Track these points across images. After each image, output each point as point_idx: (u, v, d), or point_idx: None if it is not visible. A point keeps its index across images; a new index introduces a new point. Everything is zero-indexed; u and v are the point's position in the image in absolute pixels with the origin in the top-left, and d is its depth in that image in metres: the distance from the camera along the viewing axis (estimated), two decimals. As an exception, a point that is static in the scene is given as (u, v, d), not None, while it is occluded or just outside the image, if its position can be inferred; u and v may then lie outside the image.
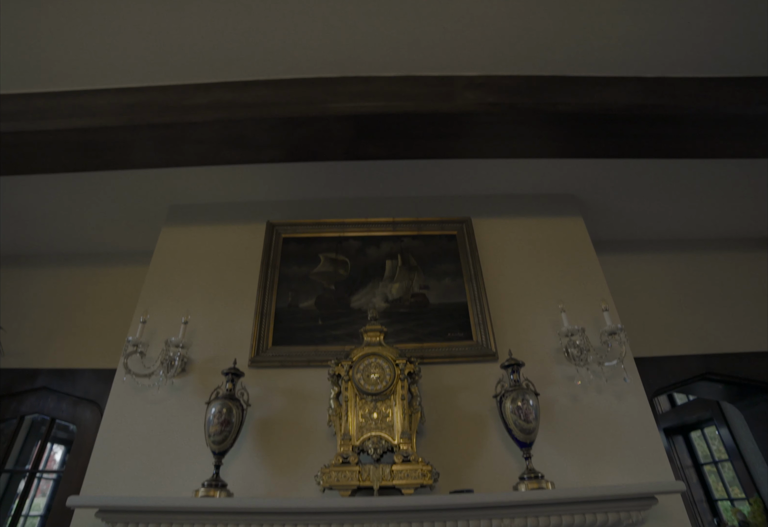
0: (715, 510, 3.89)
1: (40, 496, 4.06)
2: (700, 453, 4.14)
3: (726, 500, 3.87)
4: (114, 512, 1.69)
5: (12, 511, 2.82)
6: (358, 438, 1.83)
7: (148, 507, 1.67)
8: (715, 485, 4.02)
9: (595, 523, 1.65)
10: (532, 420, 1.83)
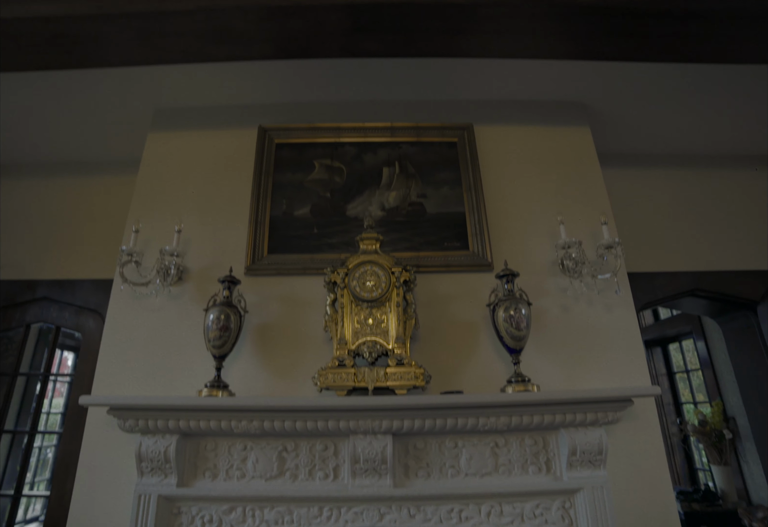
0: (680, 411, 4.24)
1: (58, 397, 4.35)
2: (675, 364, 4.41)
3: (691, 403, 4.20)
4: (123, 410, 1.78)
5: (32, 409, 3.00)
6: (353, 342, 1.89)
7: (155, 406, 1.76)
8: (683, 391, 4.33)
9: (575, 421, 1.78)
10: (523, 328, 1.88)
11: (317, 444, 1.80)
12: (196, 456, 1.84)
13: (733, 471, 3.48)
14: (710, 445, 3.48)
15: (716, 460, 3.49)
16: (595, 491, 1.76)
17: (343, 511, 1.75)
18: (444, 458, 1.79)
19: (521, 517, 1.74)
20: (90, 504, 1.93)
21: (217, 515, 1.77)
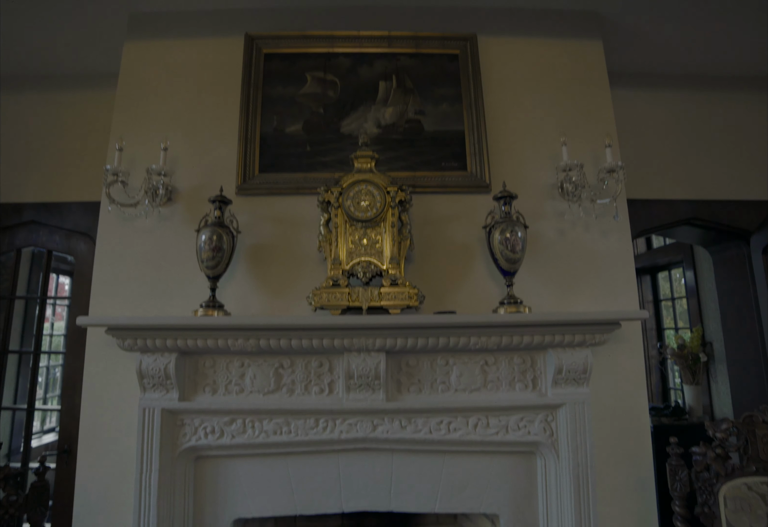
0: (661, 336, 4.42)
1: (60, 320, 4.43)
2: (662, 292, 4.52)
3: (672, 329, 4.37)
4: (121, 330, 1.80)
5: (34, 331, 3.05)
6: (347, 262, 1.88)
7: (151, 325, 1.78)
8: (666, 317, 4.49)
9: (563, 342, 1.83)
10: (518, 250, 1.88)
11: (312, 361, 1.86)
12: (196, 373, 1.90)
13: (702, 390, 3.72)
14: (685, 367, 3.68)
15: (689, 380, 3.70)
16: (577, 406, 1.86)
17: (338, 422, 1.84)
18: (435, 374, 1.86)
19: (506, 429, 1.85)
20: (98, 418, 2.02)
21: (219, 426, 1.85)
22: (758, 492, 1.54)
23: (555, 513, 1.87)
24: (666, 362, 4.25)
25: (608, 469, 1.99)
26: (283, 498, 1.89)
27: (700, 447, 1.67)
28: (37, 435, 4.22)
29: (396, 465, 1.90)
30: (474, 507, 1.92)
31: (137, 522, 1.80)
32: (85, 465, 2.01)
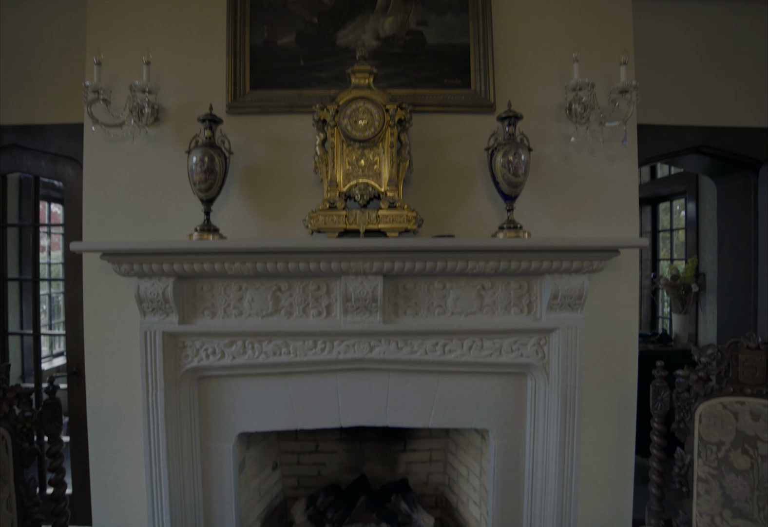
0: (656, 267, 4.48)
1: (57, 249, 4.42)
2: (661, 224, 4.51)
3: (667, 260, 4.41)
4: (116, 255, 1.78)
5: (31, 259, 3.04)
6: (344, 184, 1.83)
7: (146, 250, 1.75)
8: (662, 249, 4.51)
9: (560, 268, 1.82)
10: (520, 174, 1.82)
11: (310, 284, 1.86)
12: (194, 297, 1.90)
13: (690, 319, 3.84)
14: (676, 297, 3.76)
15: (678, 309, 3.81)
16: (569, 331, 1.90)
17: (335, 344, 1.88)
18: (432, 298, 1.88)
19: (499, 351, 1.90)
20: (101, 342, 2.07)
21: (219, 348, 1.90)
22: (731, 411, 1.62)
23: (541, 429, 1.98)
24: (658, 291, 4.34)
25: (594, 390, 2.08)
26: (284, 414, 1.98)
27: (684, 370, 1.74)
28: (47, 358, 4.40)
29: (392, 384, 1.97)
30: (465, 423, 2.02)
31: (147, 436, 1.90)
32: (94, 386, 2.09)
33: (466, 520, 2.44)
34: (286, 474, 2.68)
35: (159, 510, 1.94)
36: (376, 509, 2.48)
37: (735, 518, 1.58)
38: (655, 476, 1.74)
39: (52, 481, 1.55)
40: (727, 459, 1.61)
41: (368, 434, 2.65)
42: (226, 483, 2.01)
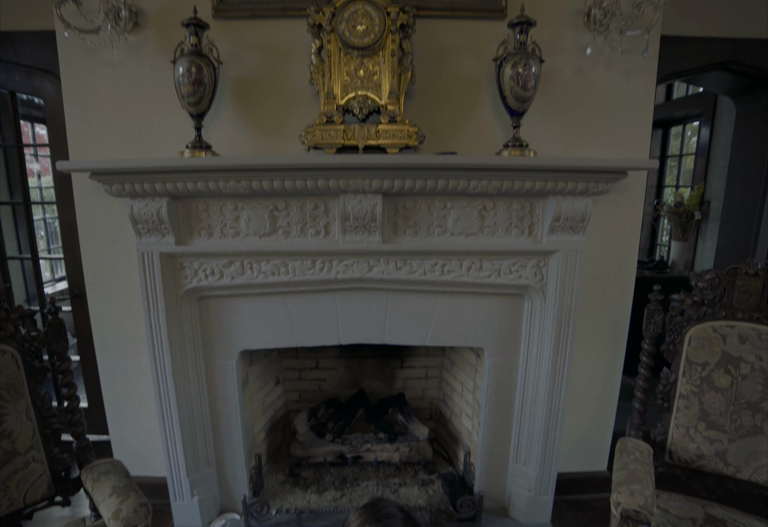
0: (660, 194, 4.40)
1: (48, 174, 4.29)
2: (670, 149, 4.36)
3: (673, 187, 4.32)
4: (105, 174, 1.71)
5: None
6: (342, 97, 1.72)
7: (136, 168, 1.68)
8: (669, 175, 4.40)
9: (565, 189, 1.77)
10: (530, 88, 1.71)
11: (307, 203, 1.82)
12: (190, 217, 1.86)
13: (688, 247, 3.84)
14: (678, 224, 3.73)
15: (678, 237, 3.79)
16: (570, 253, 1.88)
17: (334, 263, 1.87)
18: (432, 218, 1.84)
19: (498, 272, 1.90)
20: (99, 265, 2.06)
21: (218, 268, 1.89)
22: (720, 334, 1.66)
23: (535, 348, 2.03)
24: (659, 219, 4.31)
25: (589, 313, 2.12)
26: (284, 333, 2.03)
27: (679, 294, 1.75)
28: (50, 283, 4.46)
29: (390, 303, 1.99)
30: (461, 342, 2.07)
31: (152, 354, 1.95)
32: (96, 308, 2.12)
33: (458, 431, 2.59)
34: (288, 389, 2.81)
35: (169, 421, 2.04)
36: (374, 420, 2.64)
37: (708, 429, 1.68)
38: (640, 393, 1.82)
39: (65, 395, 1.62)
40: (710, 378, 1.67)
41: (367, 351, 2.75)
42: (231, 396, 2.10)
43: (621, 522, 1.37)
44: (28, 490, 1.49)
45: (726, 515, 1.64)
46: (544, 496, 2.23)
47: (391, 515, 1.02)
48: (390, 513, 1.02)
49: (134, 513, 1.31)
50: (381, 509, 1.03)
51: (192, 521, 2.21)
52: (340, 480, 2.44)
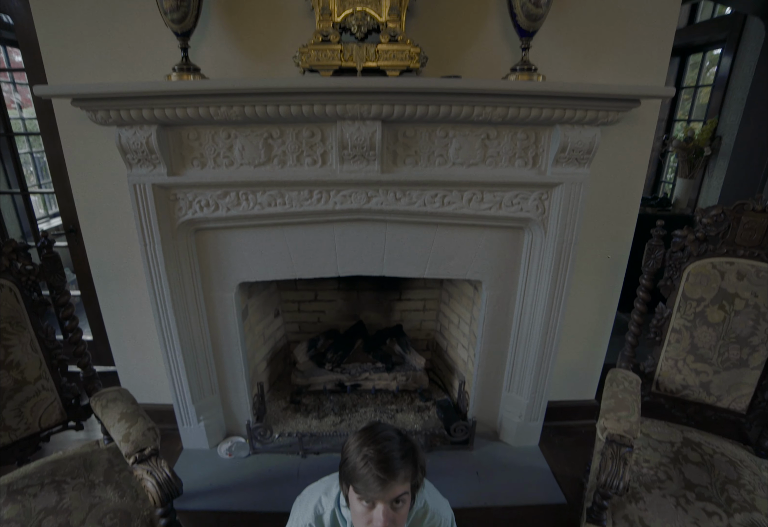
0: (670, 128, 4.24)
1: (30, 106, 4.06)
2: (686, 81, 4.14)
3: (685, 121, 4.15)
4: (89, 100, 1.61)
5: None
6: (339, 13, 1.58)
7: (121, 93, 1.57)
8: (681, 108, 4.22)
9: (573, 118, 1.68)
10: (542, 4, 1.57)
11: (303, 131, 1.73)
12: (181, 147, 1.79)
13: (694, 185, 3.76)
14: (685, 160, 3.62)
15: (684, 174, 3.70)
16: (573, 186, 1.83)
17: (332, 194, 1.82)
18: (433, 147, 1.76)
19: (499, 204, 1.86)
20: (91, 198, 2.00)
21: (213, 199, 1.84)
22: (720, 270, 1.65)
23: (533, 282, 2.04)
24: (666, 154, 4.19)
25: (589, 247, 2.10)
26: (282, 265, 2.02)
27: (682, 230, 1.72)
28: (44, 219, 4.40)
29: (389, 235, 1.97)
30: (460, 274, 2.07)
31: (151, 287, 1.95)
32: (92, 243, 2.10)
33: (454, 361, 2.68)
34: (288, 320, 2.86)
35: (172, 352, 2.09)
36: (372, 351, 2.72)
37: (696, 362, 1.72)
38: (634, 327, 1.85)
39: (68, 328, 1.63)
40: (703, 314, 1.69)
41: (365, 284, 2.77)
42: (231, 328, 2.14)
43: (606, 445, 1.43)
44: (42, 416, 1.55)
45: (702, 438, 1.74)
46: (533, 422, 2.34)
47: (389, 437, 1.05)
48: (387, 436, 1.06)
49: (143, 436, 1.37)
50: (379, 431, 1.07)
51: (199, 444, 2.34)
52: (339, 407, 2.55)
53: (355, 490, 1.03)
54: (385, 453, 1.01)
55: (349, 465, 1.04)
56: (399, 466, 1.01)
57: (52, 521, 1.31)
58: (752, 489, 1.51)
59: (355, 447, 1.05)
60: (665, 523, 1.40)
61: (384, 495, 1.01)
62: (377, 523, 1.02)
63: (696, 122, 3.94)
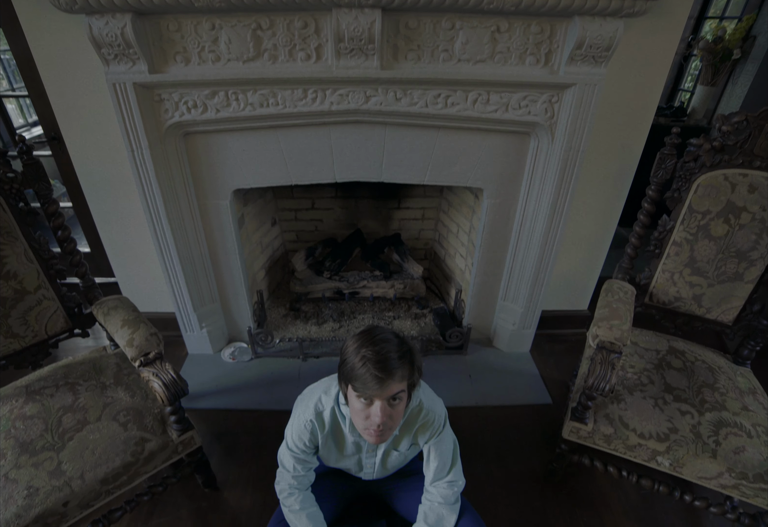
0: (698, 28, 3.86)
1: None
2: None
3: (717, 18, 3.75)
4: None
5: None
6: None
7: None
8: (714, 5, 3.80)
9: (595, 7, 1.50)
10: None
11: (295, 21, 1.55)
12: (161, 39, 1.62)
13: (714, 93, 3.52)
14: (710, 64, 3.35)
15: (706, 81, 3.45)
16: (587, 88, 1.70)
17: (328, 93, 1.69)
18: (437, 40, 1.60)
19: (506, 107, 1.74)
20: (69, 101, 1.85)
21: (201, 100, 1.72)
22: (731, 182, 1.58)
23: (536, 191, 1.98)
24: (689, 59, 3.87)
25: (596, 156, 2.00)
26: (277, 170, 1.94)
27: (698, 139, 1.62)
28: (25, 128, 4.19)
29: (388, 138, 1.87)
30: (461, 181, 2.01)
31: (143, 195, 1.90)
32: (76, 151, 1.98)
33: (451, 270, 2.71)
34: (285, 229, 2.85)
35: (170, 261, 2.09)
36: (370, 259, 2.73)
37: (692, 275, 1.72)
38: (635, 239, 1.82)
39: (61, 238, 1.60)
40: (707, 227, 1.65)
41: (363, 192, 2.71)
42: (228, 236, 2.12)
43: (596, 351, 1.48)
44: (47, 324, 1.58)
45: (686, 347, 1.80)
46: (526, 330, 2.42)
47: (387, 339, 1.07)
48: (385, 338, 1.07)
49: (146, 341, 1.41)
50: (377, 334, 1.08)
51: (204, 349, 2.44)
52: (338, 314, 2.63)
53: (353, 389, 1.07)
54: (383, 353, 1.02)
55: (348, 365, 1.06)
56: (396, 366, 1.03)
57: (70, 417, 1.40)
58: (725, 391, 1.60)
59: (354, 348, 1.06)
60: (642, 421, 1.49)
61: (381, 393, 1.04)
62: (375, 418, 1.07)
63: (729, 20, 3.57)
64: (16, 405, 1.43)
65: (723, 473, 1.39)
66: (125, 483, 1.37)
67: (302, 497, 1.33)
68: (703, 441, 1.44)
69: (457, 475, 1.35)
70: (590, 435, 1.54)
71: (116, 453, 1.34)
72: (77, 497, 1.25)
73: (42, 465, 1.27)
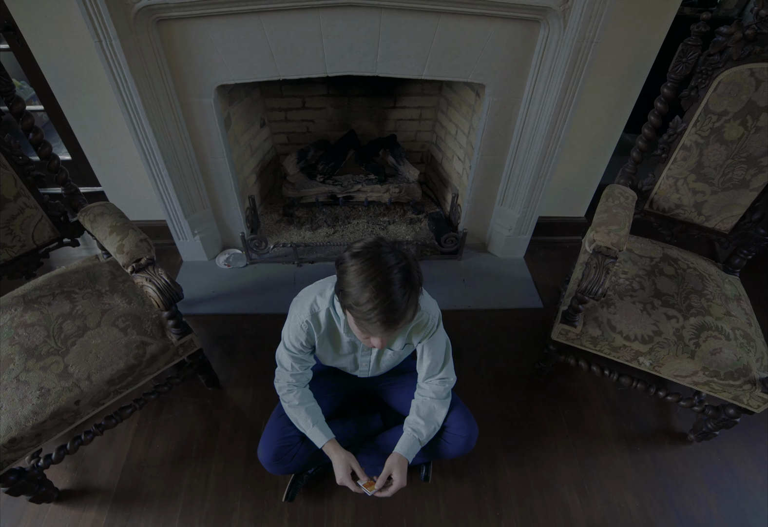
0: None
1: None
2: None
3: None
4: None
5: None
6: None
7: None
8: None
9: None
10: None
11: None
12: None
13: None
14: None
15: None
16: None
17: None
18: None
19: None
20: None
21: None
22: (757, 78, 1.43)
23: (541, 88, 1.84)
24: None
25: (610, 49, 1.81)
26: (263, 63, 1.77)
27: (729, 27, 1.44)
28: None
29: (384, 26, 1.67)
30: (462, 76, 1.85)
31: (118, 93, 1.74)
32: (36, 44, 1.77)
33: (448, 174, 2.63)
34: (275, 131, 2.69)
35: (155, 166, 1.99)
36: (364, 162, 2.62)
37: (696, 181, 1.66)
38: (642, 142, 1.72)
39: (33, 141, 1.47)
40: (721, 130, 1.54)
41: (357, 89, 2.52)
42: (214, 137, 2.00)
43: (591, 256, 1.47)
44: (33, 233, 1.53)
45: (680, 255, 1.81)
46: (522, 236, 2.42)
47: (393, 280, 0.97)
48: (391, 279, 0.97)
49: (136, 247, 1.38)
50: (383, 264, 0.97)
51: (197, 256, 2.44)
52: (332, 219, 2.59)
53: (355, 320, 1.04)
54: (391, 300, 0.95)
55: (351, 299, 0.99)
56: (401, 316, 0.98)
57: (71, 324, 1.42)
58: (712, 298, 1.63)
59: (358, 280, 0.96)
60: (629, 324, 1.55)
61: (384, 335, 1.03)
62: (374, 343, 1.09)
63: None
64: (15, 313, 1.45)
65: (698, 371, 1.48)
66: (131, 383, 1.44)
67: (301, 393, 1.40)
68: (684, 343, 1.50)
69: (448, 372, 1.42)
70: (578, 337, 1.60)
71: (119, 356, 1.39)
72: (87, 396, 1.32)
73: (49, 368, 1.32)
